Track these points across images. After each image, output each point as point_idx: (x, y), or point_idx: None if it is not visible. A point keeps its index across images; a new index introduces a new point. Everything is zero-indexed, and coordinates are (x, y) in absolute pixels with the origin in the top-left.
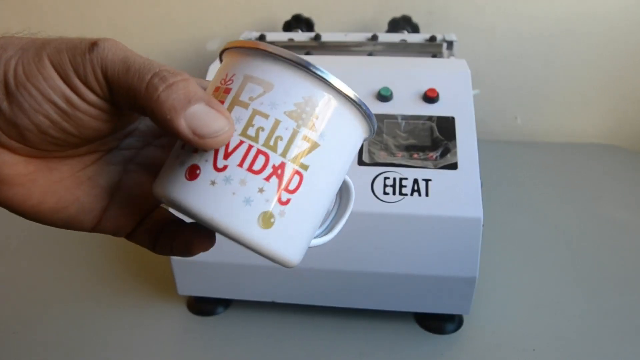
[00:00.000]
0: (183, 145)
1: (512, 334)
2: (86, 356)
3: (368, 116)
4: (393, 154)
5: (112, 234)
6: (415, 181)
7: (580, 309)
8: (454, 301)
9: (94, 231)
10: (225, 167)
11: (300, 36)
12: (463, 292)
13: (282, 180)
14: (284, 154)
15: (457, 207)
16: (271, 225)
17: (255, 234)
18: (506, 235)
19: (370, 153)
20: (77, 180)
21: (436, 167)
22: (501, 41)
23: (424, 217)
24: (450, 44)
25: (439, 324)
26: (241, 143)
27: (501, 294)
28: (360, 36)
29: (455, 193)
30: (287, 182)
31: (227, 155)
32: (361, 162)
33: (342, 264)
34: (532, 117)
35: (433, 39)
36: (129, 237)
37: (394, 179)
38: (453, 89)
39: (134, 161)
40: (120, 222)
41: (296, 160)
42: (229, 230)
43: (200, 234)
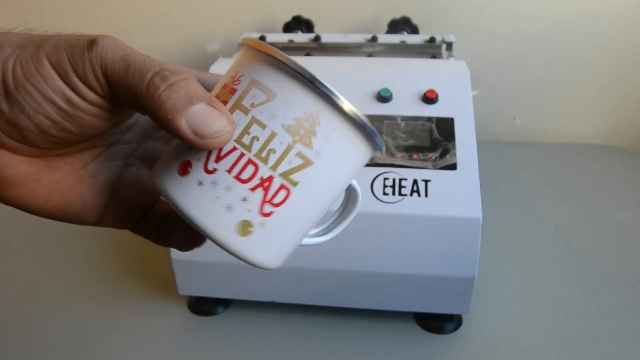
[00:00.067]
0: None
1: (512, 334)
2: (86, 356)
3: (372, 137)
4: (392, 155)
5: (115, 227)
6: (415, 182)
7: (580, 309)
8: (454, 301)
9: (97, 225)
10: (214, 170)
11: (300, 37)
12: (462, 292)
13: (268, 193)
14: (274, 167)
15: (457, 207)
16: (248, 234)
17: (231, 239)
18: (506, 235)
19: None
20: (79, 178)
21: (435, 167)
22: (501, 41)
23: (424, 217)
24: (449, 45)
25: (439, 323)
26: (234, 149)
27: (500, 294)
28: (360, 37)
29: (454, 193)
30: (272, 196)
31: (218, 159)
32: None
33: (342, 264)
34: (531, 117)
35: (432, 40)
36: (133, 230)
37: (394, 180)
38: (452, 89)
39: (134, 155)
40: (122, 216)
41: (285, 175)
42: (206, 231)
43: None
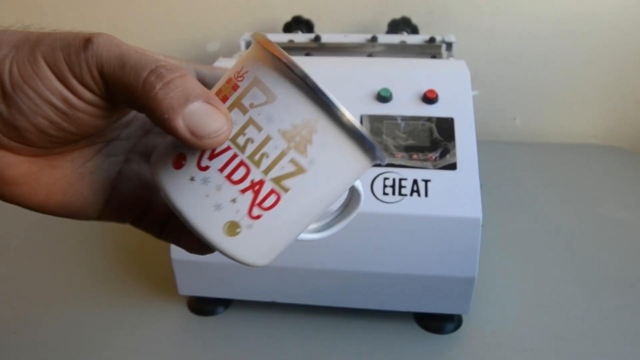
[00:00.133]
0: None
1: (512, 334)
2: (86, 356)
3: (372, 150)
4: (392, 155)
5: (117, 222)
6: (415, 182)
7: (580, 309)
8: (454, 301)
9: (98, 220)
10: (207, 168)
11: (300, 37)
12: (462, 292)
13: (258, 196)
14: (265, 171)
15: (457, 207)
16: (236, 234)
17: (218, 237)
18: (505, 235)
19: None
20: (79, 175)
21: (435, 167)
22: (501, 41)
23: (424, 217)
24: (449, 45)
25: (439, 323)
26: (228, 148)
27: (500, 294)
28: (360, 37)
29: (454, 193)
30: (262, 199)
31: (212, 157)
32: None
33: (342, 264)
34: (531, 117)
35: (432, 40)
36: (134, 224)
37: (394, 180)
38: (452, 89)
39: (134, 150)
40: (123, 210)
41: (277, 180)
42: (194, 227)
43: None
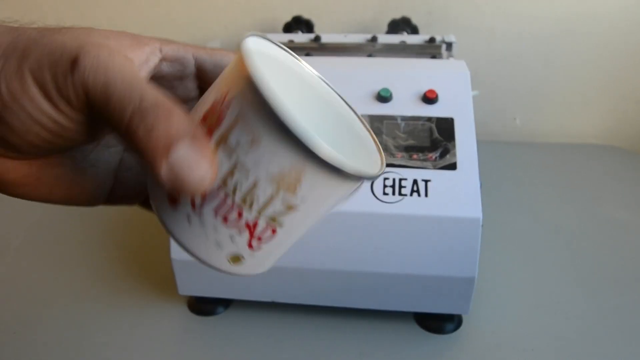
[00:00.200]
0: None
1: (512, 334)
2: (86, 356)
3: (361, 180)
4: (392, 155)
5: (125, 205)
6: (415, 182)
7: (580, 309)
8: (454, 301)
9: (105, 205)
10: (201, 209)
11: (300, 37)
12: (462, 292)
13: (254, 233)
14: (258, 212)
15: (457, 207)
16: (240, 263)
17: (224, 267)
18: (506, 235)
19: None
20: (80, 170)
21: (435, 167)
22: (501, 41)
23: (424, 217)
24: (449, 45)
25: (439, 323)
26: (219, 188)
27: (500, 294)
28: (360, 37)
29: (454, 193)
30: (258, 235)
31: (204, 197)
32: None
33: (342, 264)
34: (531, 117)
35: (432, 40)
36: (143, 206)
37: (394, 180)
38: (452, 89)
39: None
40: (129, 197)
41: (271, 219)
42: (200, 260)
43: None
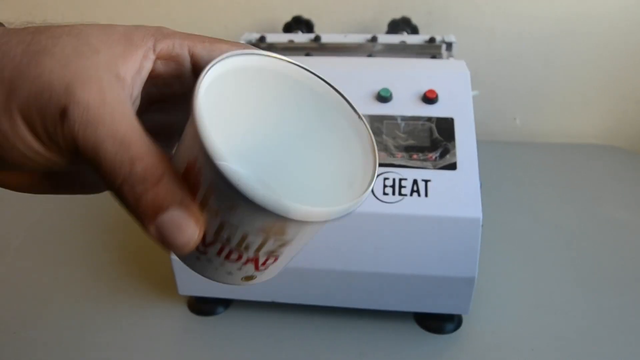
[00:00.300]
0: None
1: (512, 334)
2: (86, 356)
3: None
4: (392, 155)
5: None
6: (415, 182)
7: (580, 309)
8: (454, 301)
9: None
10: (206, 251)
11: (300, 37)
12: (462, 292)
13: (258, 263)
14: (255, 252)
15: (457, 207)
16: (253, 279)
17: (240, 283)
18: (506, 235)
19: None
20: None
21: (435, 167)
22: (501, 41)
23: (424, 217)
24: (449, 45)
25: (439, 323)
26: (215, 240)
27: (500, 294)
28: (360, 37)
29: (454, 193)
30: (262, 264)
31: (205, 244)
32: None
33: (342, 264)
34: (531, 117)
35: (432, 40)
36: None
37: (394, 180)
38: (452, 89)
39: None
40: None
41: (269, 253)
42: (217, 281)
43: None
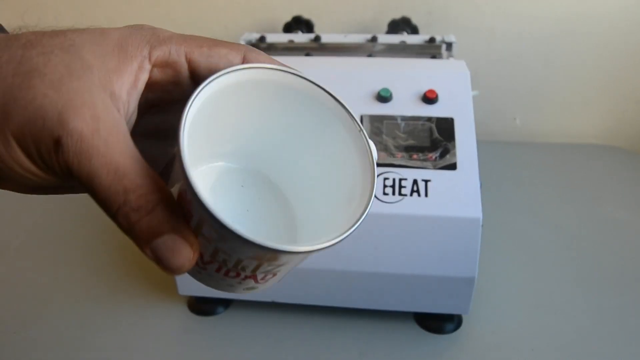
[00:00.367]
0: None
1: (512, 334)
2: (86, 356)
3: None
4: (392, 155)
5: None
6: (415, 182)
7: (580, 309)
8: (453, 301)
9: None
10: (205, 268)
11: (300, 37)
12: (462, 292)
13: (257, 279)
14: (252, 272)
15: (457, 207)
16: (255, 290)
17: (242, 293)
18: (505, 235)
19: None
20: None
21: (435, 167)
22: (501, 42)
23: (424, 217)
24: (449, 45)
25: (439, 323)
26: (212, 260)
27: (500, 294)
28: (360, 37)
29: (454, 193)
30: (261, 279)
31: (204, 262)
32: None
33: (342, 264)
34: (531, 117)
35: (432, 40)
36: None
37: (394, 180)
38: (452, 90)
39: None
40: None
41: (266, 272)
42: (221, 291)
43: None
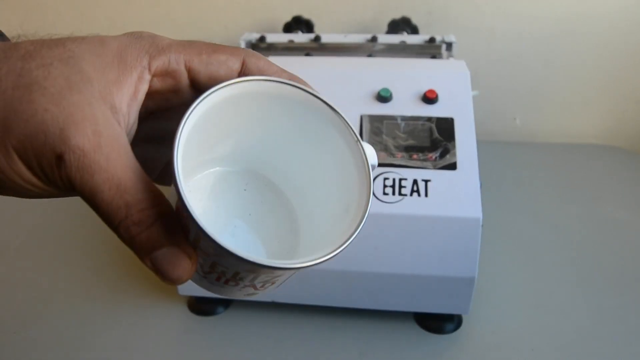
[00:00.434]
0: None
1: (512, 334)
2: (86, 356)
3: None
4: (392, 155)
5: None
6: (415, 182)
7: (580, 309)
8: (453, 301)
9: None
10: (206, 276)
11: (300, 37)
12: (462, 292)
13: (256, 287)
14: (251, 282)
15: (457, 207)
16: (256, 296)
17: (244, 298)
18: (505, 235)
19: None
20: None
21: (435, 167)
22: (501, 42)
23: (424, 217)
24: (449, 45)
25: (439, 323)
26: (212, 271)
27: (500, 294)
28: (360, 37)
29: (454, 193)
30: (260, 287)
31: (204, 272)
32: None
33: (342, 264)
34: (531, 117)
35: (432, 40)
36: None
37: (394, 180)
38: (452, 90)
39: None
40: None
41: (265, 282)
42: (223, 296)
43: None
